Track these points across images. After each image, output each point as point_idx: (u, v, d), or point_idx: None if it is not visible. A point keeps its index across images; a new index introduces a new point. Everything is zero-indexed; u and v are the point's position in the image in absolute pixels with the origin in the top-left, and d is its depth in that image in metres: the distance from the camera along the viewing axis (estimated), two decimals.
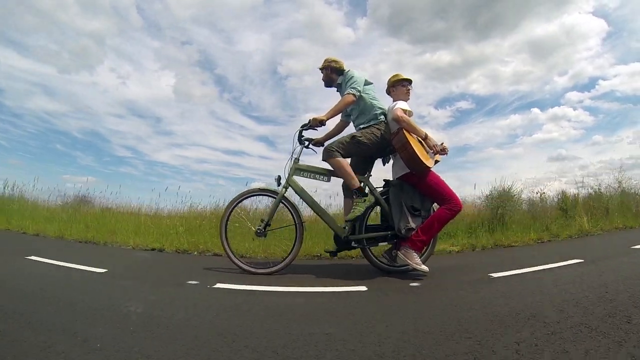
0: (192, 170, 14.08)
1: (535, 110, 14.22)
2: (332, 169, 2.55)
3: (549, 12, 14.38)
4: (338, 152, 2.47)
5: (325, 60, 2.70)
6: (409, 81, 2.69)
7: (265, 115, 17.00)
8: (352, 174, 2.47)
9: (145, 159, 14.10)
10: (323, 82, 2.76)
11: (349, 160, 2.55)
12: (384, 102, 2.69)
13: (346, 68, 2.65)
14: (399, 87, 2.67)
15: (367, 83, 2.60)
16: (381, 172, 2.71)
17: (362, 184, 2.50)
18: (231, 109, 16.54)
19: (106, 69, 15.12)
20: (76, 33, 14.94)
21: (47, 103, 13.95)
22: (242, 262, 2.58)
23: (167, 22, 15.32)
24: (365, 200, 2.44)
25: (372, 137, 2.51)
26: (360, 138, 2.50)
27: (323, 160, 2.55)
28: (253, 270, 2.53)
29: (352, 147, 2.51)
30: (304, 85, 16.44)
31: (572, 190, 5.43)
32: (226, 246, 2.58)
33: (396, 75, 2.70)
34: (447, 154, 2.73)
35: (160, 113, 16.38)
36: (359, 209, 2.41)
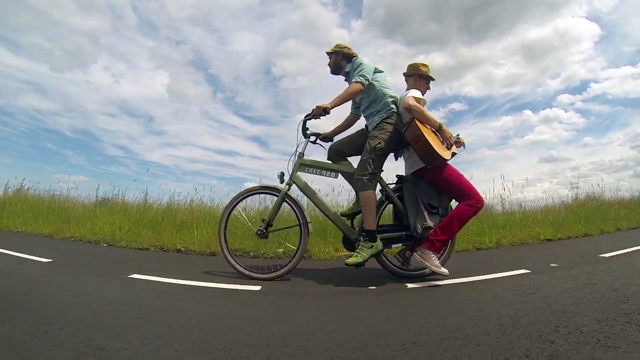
0: (184, 170, 13.87)
1: (527, 112, 14.48)
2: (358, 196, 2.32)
3: (543, 16, 14.68)
4: (372, 182, 2.23)
5: (336, 45, 2.49)
6: (433, 80, 2.51)
7: (258, 116, 17.05)
8: (375, 214, 2.23)
9: (137, 159, 13.99)
10: (329, 68, 2.54)
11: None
12: (395, 91, 2.50)
13: (356, 54, 2.47)
14: (423, 81, 2.46)
15: (377, 71, 2.40)
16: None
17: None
18: (224, 108, 16.61)
19: (100, 68, 15.18)
20: (70, 31, 15.02)
21: (39, 101, 13.86)
22: (240, 266, 2.34)
23: (162, 22, 15.47)
24: (372, 246, 2.18)
25: (387, 135, 2.29)
26: (380, 145, 2.26)
27: (356, 191, 2.34)
28: (252, 274, 2.29)
29: (379, 159, 2.29)
30: (297, 85, 16.50)
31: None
32: (224, 247, 2.36)
33: (426, 67, 2.47)
34: (464, 146, 2.54)
35: (153, 112, 16.41)
36: (362, 255, 2.15)
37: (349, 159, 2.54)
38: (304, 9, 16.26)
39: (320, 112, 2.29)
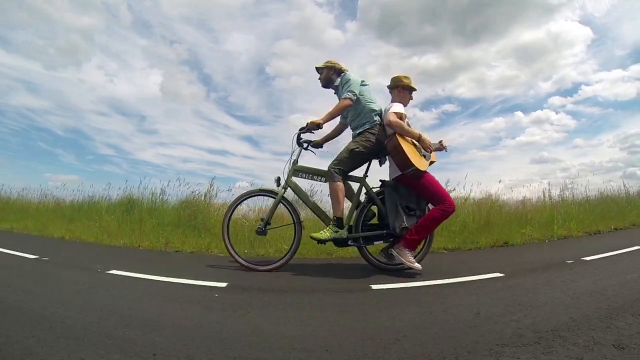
0: (176, 170, 13.93)
1: (519, 113, 14.73)
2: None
3: (537, 19, 14.65)
4: (338, 174, 2.53)
5: (328, 61, 2.74)
6: (415, 90, 2.74)
7: (250, 115, 16.85)
8: (342, 203, 2.53)
9: (128, 158, 13.82)
10: (320, 82, 2.79)
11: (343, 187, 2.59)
12: (380, 102, 2.74)
13: (345, 70, 2.70)
14: (406, 92, 2.69)
15: (363, 84, 2.65)
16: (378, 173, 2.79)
17: (359, 190, 2.58)
18: (216, 108, 16.39)
19: (94, 66, 14.87)
20: (64, 29, 14.59)
21: (30, 99, 13.59)
22: (243, 260, 2.69)
23: (157, 20, 14.94)
24: (337, 231, 2.49)
25: (368, 143, 2.57)
26: (357, 149, 2.55)
27: (326, 180, 2.62)
28: (253, 267, 2.64)
29: (352, 161, 2.58)
30: (291, 86, 16.40)
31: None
32: (228, 244, 2.70)
33: (408, 78, 2.69)
34: (446, 150, 2.81)
35: (145, 111, 15.99)
36: (325, 235, 2.48)
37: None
38: (300, 10, 16.01)
39: (314, 127, 2.58)
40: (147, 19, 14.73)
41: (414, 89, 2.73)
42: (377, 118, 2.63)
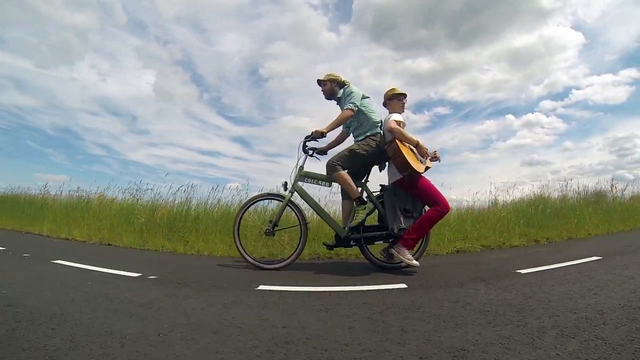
0: (166, 170, 13.71)
1: (510, 116, 15.03)
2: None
3: (530, 24, 15.11)
4: (339, 166, 2.76)
5: (329, 74, 2.98)
6: (404, 95, 2.97)
7: (242, 116, 16.89)
8: (353, 185, 2.75)
9: (119, 158, 13.90)
10: (324, 94, 3.01)
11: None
12: (380, 113, 2.97)
13: (347, 83, 2.94)
14: (394, 100, 2.94)
15: (364, 97, 2.89)
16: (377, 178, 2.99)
17: (362, 192, 2.81)
18: (208, 109, 16.46)
19: (86, 65, 15.00)
20: (58, 27, 14.74)
21: (20, 97, 13.55)
22: (252, 259, 2.88)
23: (152, 20, 15.12)
24: (365, 207, 2.72)
25: (368, 147, 2.79)
26: (357, 150, 2.78)
27: (327, 174, 2.84)
28: (262, 265, 2.83)
29: (351, 160, 2.80)
30: (284, 87, 16.64)
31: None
32: (238, 244, 2.90)
33: (393, 89, 2.96)
34: (439, 160, 3.01)
35: (136, 111, 16.02)
36: (360, 216, 2.68)
37: None
38: (294, 12, 16.41)
39: (319, 135, 2.81)
40: (142, 18, 14.82)
41: (402, 94, 2.95)
42: (377, 128, 2.86)
